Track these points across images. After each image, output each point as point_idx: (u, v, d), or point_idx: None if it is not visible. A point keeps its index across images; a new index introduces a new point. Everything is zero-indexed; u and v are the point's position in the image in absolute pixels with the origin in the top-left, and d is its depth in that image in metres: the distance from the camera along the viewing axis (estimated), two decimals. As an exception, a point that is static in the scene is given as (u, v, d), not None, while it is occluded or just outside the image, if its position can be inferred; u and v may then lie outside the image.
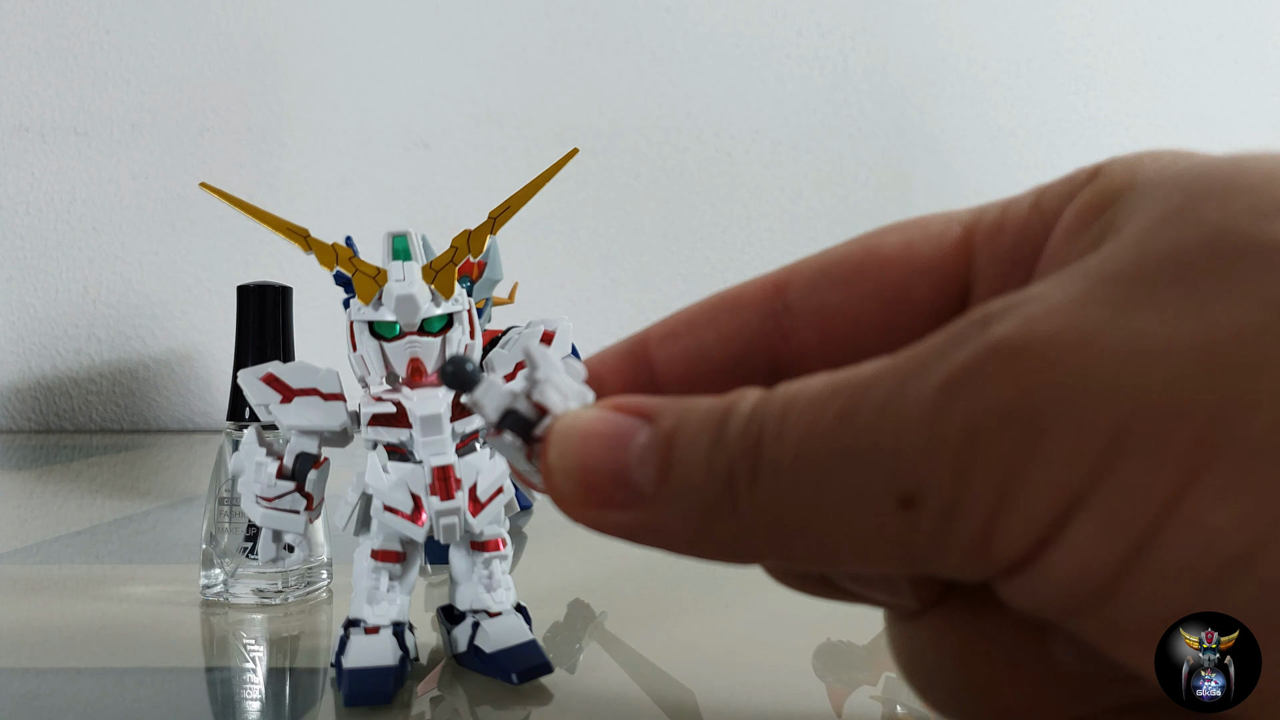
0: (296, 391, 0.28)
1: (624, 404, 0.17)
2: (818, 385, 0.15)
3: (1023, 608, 0.15)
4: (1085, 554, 0.13)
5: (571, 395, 0.18)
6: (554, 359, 0.19)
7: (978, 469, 0.13)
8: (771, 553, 0.15)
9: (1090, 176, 0.18)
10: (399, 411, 0.28)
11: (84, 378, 1.02)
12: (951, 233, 0.20)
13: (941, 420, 0.14)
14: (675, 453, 0.16)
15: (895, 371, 0.14)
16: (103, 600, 0.38)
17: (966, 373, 0.14)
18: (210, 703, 0.28)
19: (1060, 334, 0.13)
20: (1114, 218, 0.16)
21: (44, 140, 1.02)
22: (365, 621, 0.29)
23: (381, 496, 0.28)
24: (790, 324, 0.21)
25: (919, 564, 0.15)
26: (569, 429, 0.17)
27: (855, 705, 0.28)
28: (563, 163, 0.28)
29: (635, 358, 0.21)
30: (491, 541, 0.30)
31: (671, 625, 0.35)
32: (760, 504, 0.15)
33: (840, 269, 0.20)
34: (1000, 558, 0.14)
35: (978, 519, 0.14)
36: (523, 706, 0.28)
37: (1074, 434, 0.13)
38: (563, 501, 0.17)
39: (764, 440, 0.15)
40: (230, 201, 0.28)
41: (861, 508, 0.14)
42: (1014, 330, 0.14)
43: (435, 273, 0.28)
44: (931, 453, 0.14)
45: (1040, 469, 0.13)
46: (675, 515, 0.16)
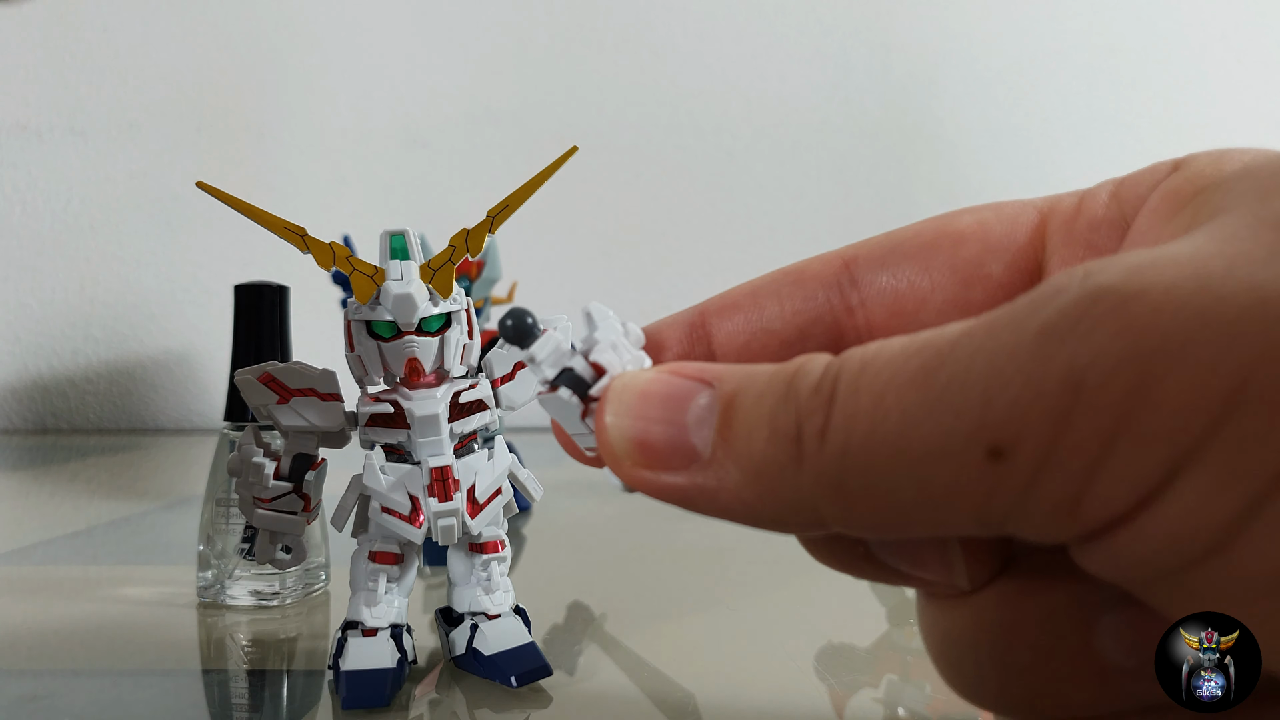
0: (294, 392, 0.28)
1: (683, 368, 0.17)
2: (898, 343, 0.15)
3: (1103, 573, 0.14)
4: (1194, 510, 0.13)
5: (629, 359, 0.18)
6: (614, 320, 0.19)
7: (1080, 417, 0.13)
8: (834, 514, 0.15)
9: (1174, 168, 0.18)
10: (397, 412, 0.28)
11: (81, 377, 1.02)
12: (1027, 215, 0.20)
13: (1040, 367, 0.13)
14: (737, 413, 0.15)
15: (986, 326, 0.14)
16: (99, 601, 0.37)
17: (1069, 318, 0.13)
18: (207, 705, 0.28)
19: (1177, 282, 0.13)
20: (1209, 200, 0.16)
21: (41, 139, 1.02)
22: (363, 624, 0.28)
23: (379, 498, 0.28)
24: (857, 299, 0.20)
25: (996, 523, 0.14)
26: (626, 387, 0.17)
27: (856, 707, 0.28)
28: (562, 161, 0.28)
29: (693, 329, 0.21)
30: (490, 543, 0.30)
31: (671, 627, 0.35)
32: (828, 459, 0.14)
33: (913, 244, 0.20)
34: (1094, 515, 0.13)
35: (1074, 472, 0.13)
36: (522, 709, 0.27)
37: (1192, 382, 0.12)
38: (616, 463, 0.17)
39: (838, 394, 0.14)
40: (227, 200, 0.27)
41: (944, 460, 0.13)
42: (1122, 278, 0.13)
43: (433, 272, 0.28)
44: (1028, 400, 0.13)
45: (1152, 418, 0.12)
46: (734, 477, 0.15)
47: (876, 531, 0.15)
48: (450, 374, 0.29)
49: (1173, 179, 0.17)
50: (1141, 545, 0.13)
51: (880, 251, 0.21)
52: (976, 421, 0.13)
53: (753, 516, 0.16)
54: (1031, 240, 0.20)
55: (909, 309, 0.20)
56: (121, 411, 1.02)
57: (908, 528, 0.15)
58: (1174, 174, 0.17)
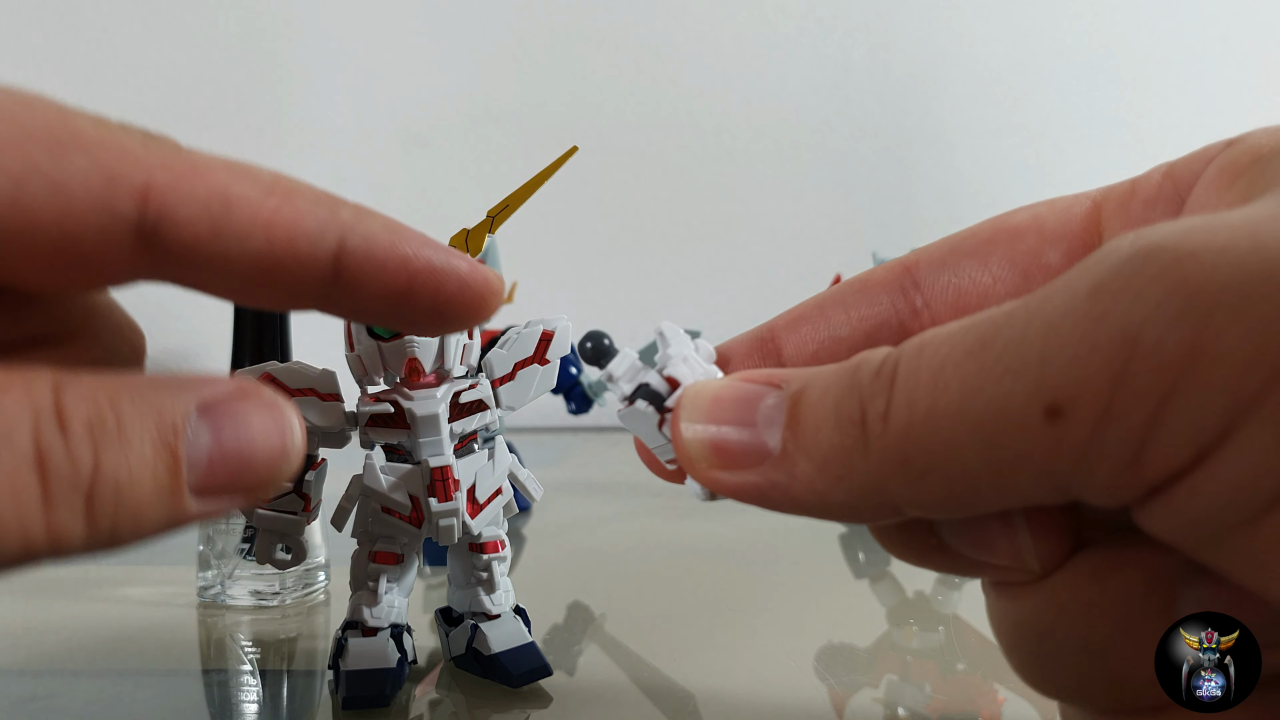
0: (294, 392, 0.28)
1: (752, 374, 0.18)
2: (955, 324, 0.15)
3: (1165, 534, 0.14)
4: (1253, 464, 0.13)
5: (700, 371, 0.19)
6: (685, 337, 0.20)
7: (1136, 374, 0.13)
8: (906, 494, 0.15)
9: (1226, 145, 0.18)
10: (397, 412, 0.28)
11: (82, 377, 1.02)
12: (1080, 205, 0.20)
13: (1095, 325, 0.13)
14: (804, 408, 0.16)
15: (1040, 294, 0.14)
16: (99, 602, 0.37)
17: (1121, 277, 0.13)
18: (207, 705, 0.28)
19: (1232, 243, 0.13)
20: (1265, 170, 0.16)
21: (41, 139, 1.02)
22: (363, 624, 0.28)
23: (379, 498, 0.28)
24: (921, 300, 0.21)
25: (1061, 486, 0.14)
26: (699, 394, 0.18)
27: (856, 707, 0.28)
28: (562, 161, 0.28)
29: (763, 344, 0.22)
30: (490, 543, 0.30)
31: (671, 627, 0.35)
32: (892, 438, 0.15)
33: (971, 243, 0.21)
34: (1153, 471, 0.13)
35: (1133, 427, 0.13)
36: (522, 709, 0.27)
37: (1248, 338, 0.12)
38: (692, 466, 0.17)
39: (899, 376, 0.15)
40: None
41: (1004, 424, 0.14)
42: (1175, 238, 0.13)
43: (433, 272, 0.28)
44: (1084, 358, 0.13)
45: (1208, 373, 0.13)
46: (805, 469, 0.16)
47: (946, 509, 0.15)
48: (450, 374, 0.29)
49: (1228, 153, 0.17)
50: (1202, 501, 0.13)
51: (940, 254, 0.21)
52: (1034, 383, 0.13)
53: (825, 507, 0.16)
54: (1087, 227, 0.20)
55: (973, 305, 0.20)
56: (122, 411, 1.02)
57: (977, 501, 0.15)
58: (1229, 149, 0.18)
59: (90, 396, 0.14)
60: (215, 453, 0.15)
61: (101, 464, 0.14)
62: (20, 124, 0.14)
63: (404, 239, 0.17)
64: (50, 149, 0.14)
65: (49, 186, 0.14)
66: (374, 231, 0.17)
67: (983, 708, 0.28)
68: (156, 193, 0.15)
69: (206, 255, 0.15)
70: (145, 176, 0.15)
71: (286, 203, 0.16)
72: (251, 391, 0.16)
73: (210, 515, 0.15)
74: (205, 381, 0.15)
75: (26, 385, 0.13)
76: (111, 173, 0.14)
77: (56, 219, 0.14)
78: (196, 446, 0.15)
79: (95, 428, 0.14)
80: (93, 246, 0.15)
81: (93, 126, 0.15)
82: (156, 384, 0.15)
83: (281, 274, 0.16)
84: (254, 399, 0.16)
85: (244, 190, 0.16)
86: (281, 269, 0.16)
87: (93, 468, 0.14)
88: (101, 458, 0.14)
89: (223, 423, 0.15)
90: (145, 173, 0.15)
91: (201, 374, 0.16)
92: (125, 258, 0.15)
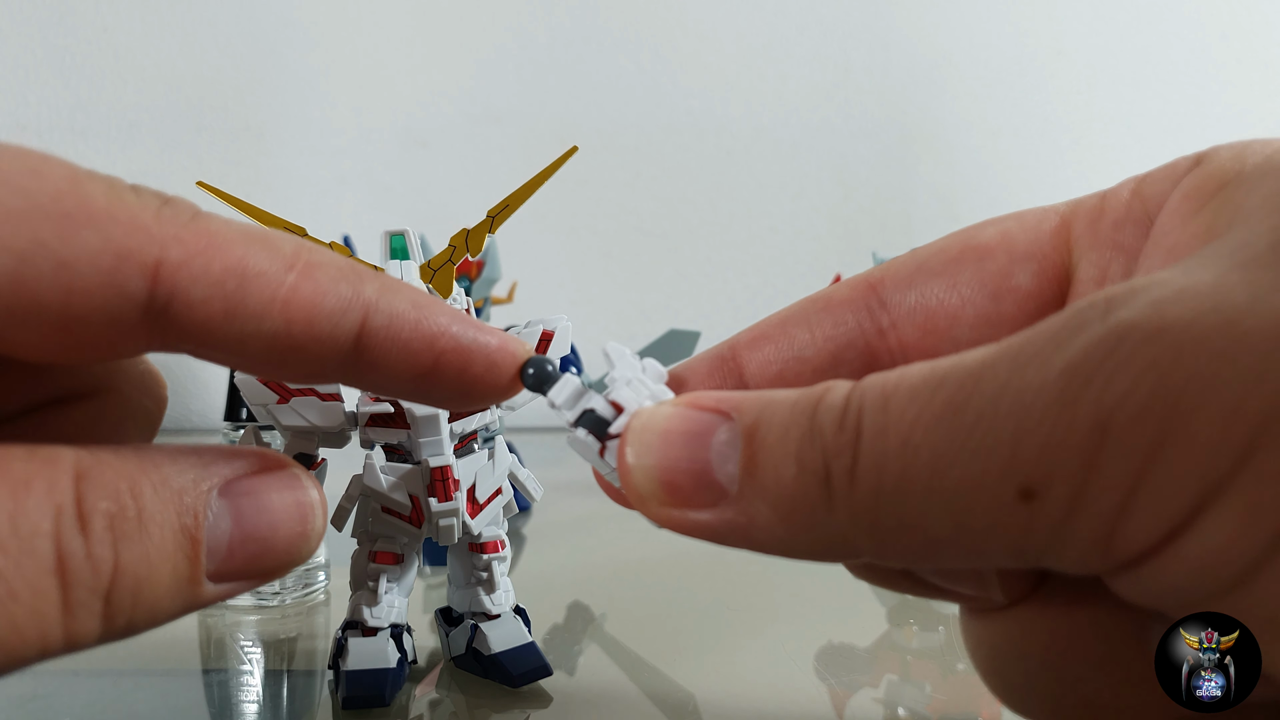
0: (293, 391, 0.28)
1: (701, 400, 0.16)
2: (919, 373, 0.15)
3: (1137, 600, 0.14)
4: (1221, 543, 0.13)
5: (649, 395, 0.18)
6: (631, 358, 0.19)
7: (1109, 458, 0.13)
8: (872, 550, 0.15)
9: (1194, 163, 0.18)
10: (397, 411, 0.28)
11: (82, 377, 1.02)
12: (1049, 221, 0.20)
13: (1068, 408, 0.13)
14: (761, 448, 0.15)
15: (1010, 358, 0.14)
16: (99, 602, 0.37)
17: (1093, 358, 0.13)
18: (207, 705, 0.28)
19: (1199, 317, 0.13)
20: (1229, 200, 0.16)
21: (41, 139, 1.02)
22: (363, 624, 0.28)
23: (379, 498, 0.28)
24: (888, 320, 0.20)
25: (1032, 559, 0.14)
26: (646, 427, 0.17)
27: (856, 707, 0.28)
28: (562, 161, 0.28)
29: (724, 363, 0.21)
30: (490, 543, 0.30)
31: (671, 627, 0.35)
32: (861, 500, 0.14)
33: (938, 261, 0.20)
34: (1125, 550, 0.13)
35: (1105, 510, 0.13)
36: (521, 709, 0.27)
37: (1218, 421, 0.13)
38: (642, 503, 0.17)
39: (863, 432, 0.14)
40: (227, 200, 0.27)
41: (976, 501, 0.14)
42: (1144, 314, 0.13)
43: (433, 272, 0.28)
44: (1057, 442, 0.13)
45: (1179, 457, 0.13)
46: (765, 514, 0.15)
47: (912, 564, 0.15)
48: (450, 374, 0.29)
49: (1193, 175, 0.17)
50: (1170, 576, 0.13)
51: (906, 271, 0.21)
52: (1007, 463, 0.13)
53: (786, 550, 0.16)
54: (1056, 245, 0.20)
55: (940, 327, 0.20)
56: (121, 411, 1.02)
57: (944, 561, 0.15)
58: (1195, 170, 0.17)
59: (112, 487, 0.14)
60: (235, 538, 0.15)
61: (121, 561, 0.14)
62: (28, 194, 0.13)
63: (430, 316, 0.16)
64: (58, 223, 0.13)
65: (55, 264, 0.13)
66: (399, 309, 0.16)
67: (982, 708, 0.28)
68: (168, 270, 0.14)
69: (219, 336, 0.15)
70: (157, 252, 0.14)
71: (307, 279, 0.15)
72: (273, 464, 0.15)
73: (225, 598, 0.15)
74: (227, 457, 0.15)
75: (49, 480, 0.13)
76: (122, 249, 0.14)
77: (62, 298, 0.14)
78: (217, 531, 0.14)
79: (116, 523, 0.13)
80: (100, 325, 0.14)
81: (104, 195, 0.14)
82: (179, 462, 0.14)
83: (300, 354, 0.15)
84: (276, 476, 0.15)
85: (262, 265, 0.15)
86: (300, 350, 0.15)
87: (113, 567, 0.13)
88: (121, 555, 0.14)
89: (243, 504, 0.15)
90: (157, 248, 0.14)
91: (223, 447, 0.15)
92: (134, 335, 0.14)
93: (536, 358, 0.18)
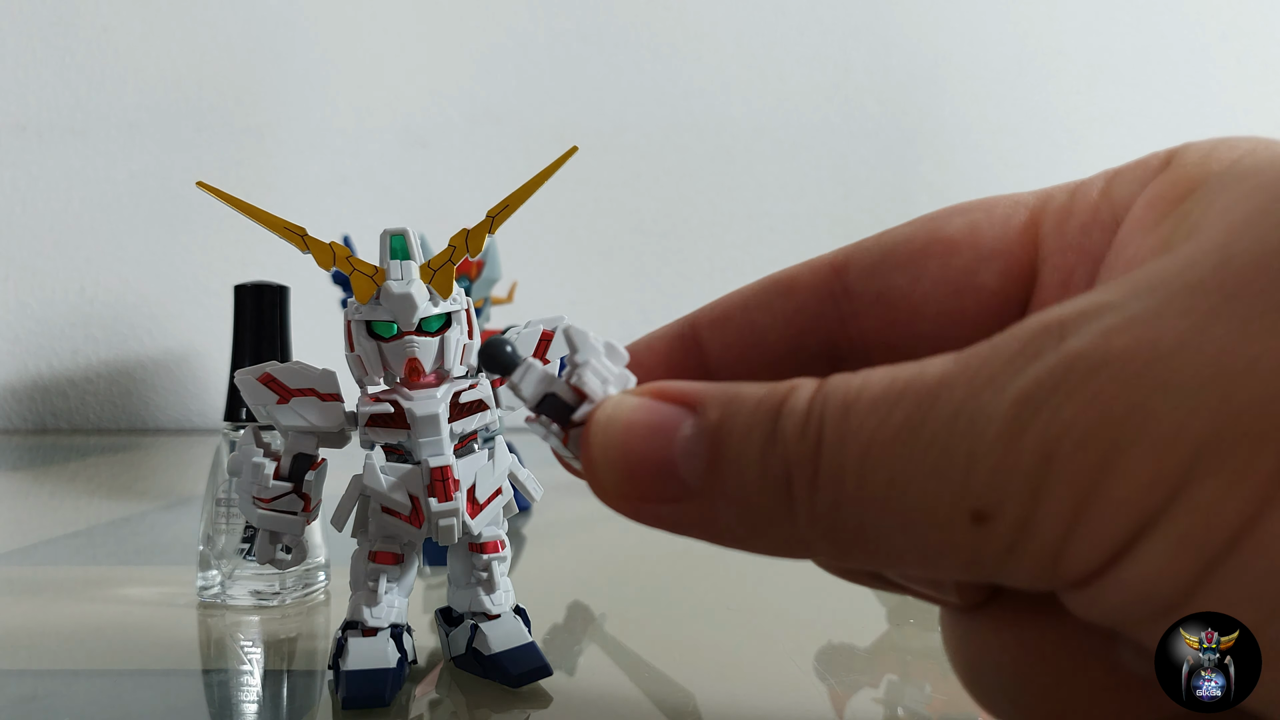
0: (293, 392, 0.28)
1: (666, 391, 0.17)
2: (880, 384, 0.15)
3: (1088, 617, 0.15)
4: (1156, 570, 0.13)
5: (612, 379, 0.18)
6: (594, 342, 0.19)
7: (1053, 487, 0.13)
8: (830, 554, 0.15)
9: (1163, 164, 0.18)
10: (397, 412, 0.28)
11: (80, 377, 1.02)
12: (1018, 217, 0.20)
13: (1017, 438, 0.13)
14: (724, 448, 0.16)
15: (966, 380, 0.14)
16: (99, 602, 0.37)
17: (1042, 388, 0.14)
18: (207, 705, 0.28)
19: (1139, 349, 0.13)
20: (1189, 213, 0.16)
21: (41, 139, 1.02)
22: (363, 624, 0.28)
23: (379, 498, 0.28)
24: (850, 308, 0.20)
25: (986, 575, 0.15)
26: (610, 419, 0.17)
27: (856, 707, 0.28)
28: (562, 161, 0.28)
29: (685, 341, 0.21)
30: (490, 543, 0.30)
31: (671, 627, 0.35)
32: (820, 509, 0.15)
33: (903, 251, 0.20)
34: (1071, 572, 0.14)
35: (1051, 535, 0.14)
36: (522, 709, 0.27)
37: (1151, 455, 0.13)
38: (605, 493, 0.17)
39: (824, 442, 0.15)
40: (227, 200, 0.27)
41: (930, 520, 0.14)
42: (1091, 344, 0.14)
43: (433, 272, 0.28)
44: (1007, 470, 0.14)
45: (1116, 488, 0.13)
46: (726, 511, 0.16)
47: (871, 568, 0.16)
48: (450, 374, 0.29)
49: (1159, 181, 0.17)
50: (1114, 597, 0.14)
51: (870, 259, 0.20)
52: (960, 486, 0.14)
53: (746, 546, 0.16)
54: (1023, 244, 0.20)
55: (902, 319, 0.20)
56: (121, 411, 1.02)
57: (901, 569, 0.15)
58: (1163, 173, 0.17)
59: None
60: None
61: None
62: None
63: None
64: None
65: None
66: None
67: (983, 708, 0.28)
68: None
69: None
70: None
71: None
72: None
73: None
74: None
75: None
76: None
77: None
78: None
79: None
80: None
81: None
82: None
83: None
84: None
85: None
86: None
87: None
88: None
89: None
90: None
91: None
92: None
93: (495, 338, 0.18)
